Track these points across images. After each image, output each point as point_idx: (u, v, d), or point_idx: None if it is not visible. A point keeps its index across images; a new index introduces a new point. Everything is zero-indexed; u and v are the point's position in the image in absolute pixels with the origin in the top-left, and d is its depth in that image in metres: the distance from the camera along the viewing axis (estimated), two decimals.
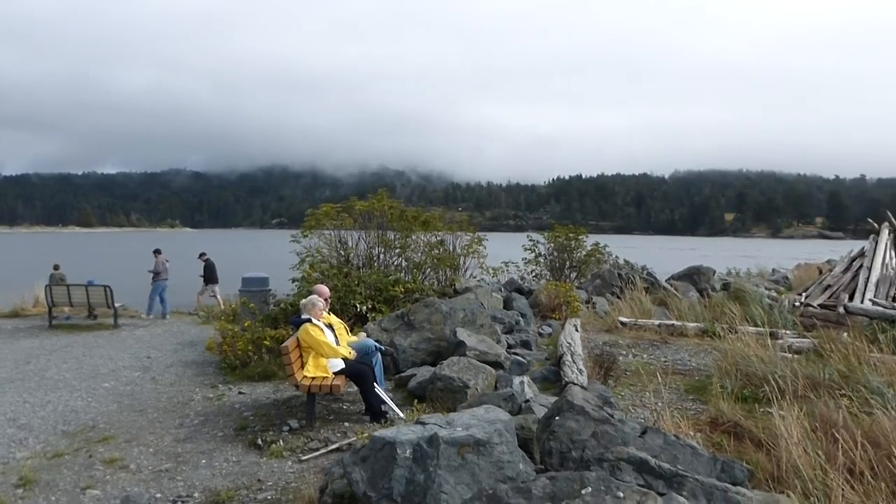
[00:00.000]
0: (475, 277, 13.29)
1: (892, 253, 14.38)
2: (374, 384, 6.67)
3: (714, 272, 18.79)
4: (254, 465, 5.59)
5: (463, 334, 8.07)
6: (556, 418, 4.11)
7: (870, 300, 12.61)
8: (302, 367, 6.57)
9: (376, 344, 7.43)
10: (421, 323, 8.65)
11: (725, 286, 17.08)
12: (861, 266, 14.20)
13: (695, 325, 12.02)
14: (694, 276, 17.45)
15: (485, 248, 13.89)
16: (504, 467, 3.48)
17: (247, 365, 8.84)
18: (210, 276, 17.35)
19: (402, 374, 7.97)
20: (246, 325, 9.76)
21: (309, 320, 6.70)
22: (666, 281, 16.87)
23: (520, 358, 8.31)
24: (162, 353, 10.79)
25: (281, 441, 6.06)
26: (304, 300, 7.14)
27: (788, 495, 4.02)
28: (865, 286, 13.26)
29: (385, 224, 12.64)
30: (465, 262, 13.42)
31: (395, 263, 12.50)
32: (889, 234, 14.74)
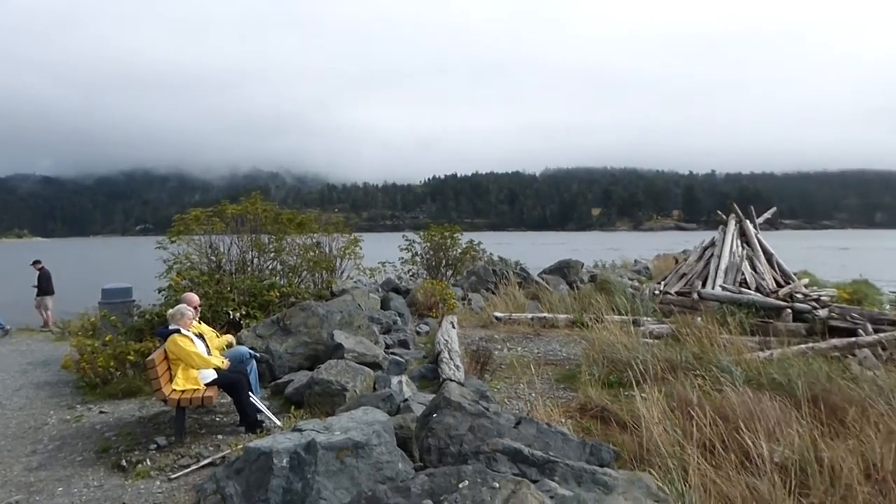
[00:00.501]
0: (352, 279, 13.21)
1: (739, 242, 15.63)
2: (249, 393, 6.47)
3: (582, 265, 19.69)
4: (118, 488, 5.26)
5: (340, 337, 8.01)
6: (434, 415, 4.17)
7: (720, 286, 13.66)
8: (171, 380, 6.26)
9: (250, 351, 7.22)
10: (297, 327, 8.49)
11: (593, 278, 17.94)
12: (712, 255, 15.35)
13: (565, 316, 12.55)
14: (564, 270, 18.21)
15: (361, 249, 13.83)
16: (383, 468, 3.50)
17: (108, 382, 8.29)
18: (45, 286, 15.74)
19: (279, 381, 7.78)
20: (107, 339, 9.16)
21: (177, 331, 6.39)
22: (538, 275, 17.50)
23: (398, 357, 8.35)
24: (9, 374, 9.87)
25: (148, 460, 5.74)
26: (171, 310, 6.80)
27: (651, 472, 4.30)
28: (716, 273, 14.35)
29: (259, 227, 12.28)
30: (341, 264, 13.30)
31: (270, 267, 12.18)
32: (736, 224, 16.01)
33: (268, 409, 6.63)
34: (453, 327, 10.13)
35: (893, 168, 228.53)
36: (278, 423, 6.31)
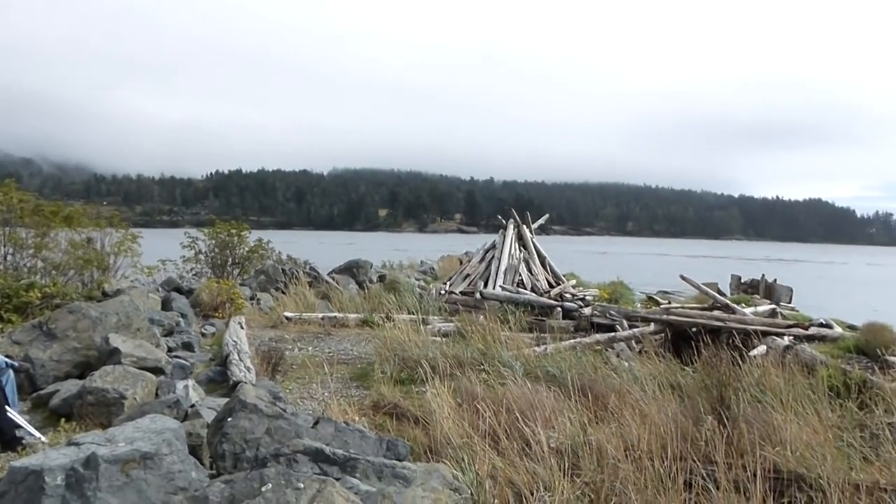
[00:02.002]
0: (128, 278, 12.18)
1: (517, 245, 16.82)
2: (6, 407, 5.72)
3: (371, 265, 19.93)
4: None
5: (117, 340, 7.35)
6: (229, 419, 4.02)
7: (500, 286, 14.61)
8: None
9: (6, 360, 6.37)
10: (64, 331, 7.65)
11: (382, 278, 18.24)
12: (493, 257, 16.36)
13: (356, 315, 12.64)
14: (353, 270, 18.31)
15: (139, 245, 12.80)
16: (175, 478, 3.30)
17: None
18: None
19: (42, 392, 6.95)
20: None
21: None
22: (328, 275, 17.42)
23: (182, 361, 7.86)
24: None
25: None
26: None
27: (444, 463, 4.51)
28: (497, 274, 15.32)
29: (14, 220, 10.85)
30: (116, 262, 12.19)
31: (30, 265, 10.83)
32: (514, 229, 17.21)
33: (28, 423, 5.91)
34: (242, 328, 9.76)
35: (642, 183, 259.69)
36: (43, 438, 5.65)
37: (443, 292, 14.90)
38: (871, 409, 6.30)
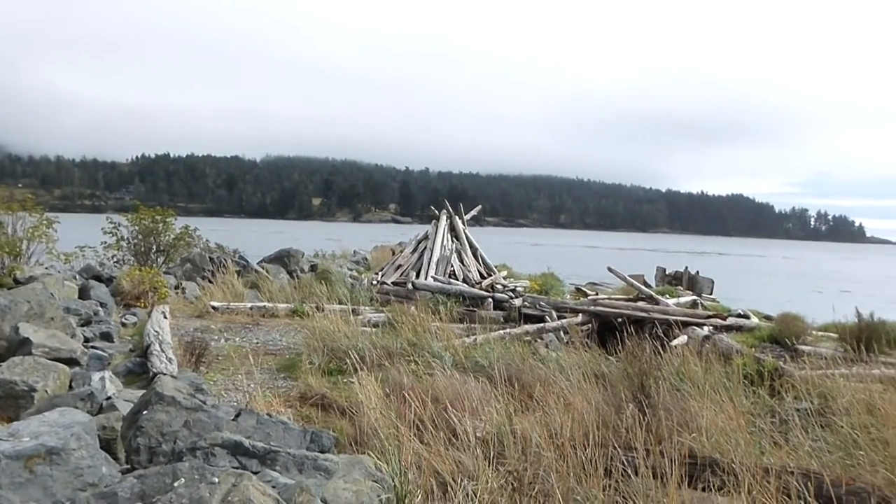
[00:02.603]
0: (43, 265, 11.62)
1: (449, 236, 16.88)
2: None
3: (303, 254, 19.63)
4: None
5: (28, 330, 7.00)
6: (145, 412, 3.88)
7: (432, 277, 14.63)
8: None
9: None
10: None
11: (313, 267, 17.99)
12: (426, 248, 16.37)
13: (285, 305, 12.44)
14: (284, 259, 17.99)
15: (55, 231, 12.23)
16: (84, 474, 3.16)
17: None
18: None
19: None
20: None
21: None
22: (258, 264, 17.07)
23: (100, 352, 7.55)
24: None
25: None
26: None
27: (369, 454, 4.49)
28: (429, 265, 15.34)
29: None
30: (29, 248, 11.61)
31: None
32: (447, 220, 17.26)
33: None
34: (165, 317, 9.46)
35: (574, 176, 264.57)
36: None
37: (375, 283, 14.83)
38: (781, 395, 6.62)
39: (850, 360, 8.20)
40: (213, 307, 11.71)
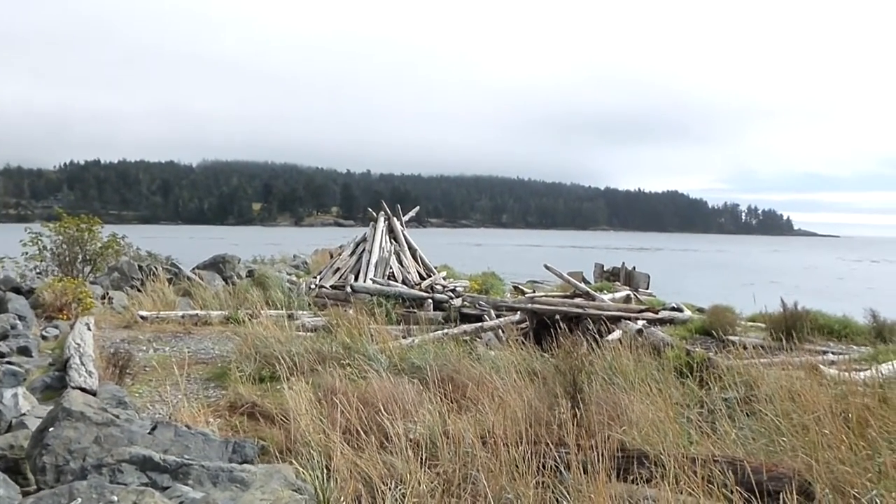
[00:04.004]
0: None
1: (388, 238, 16.78)
2: None
3: (240, 260, 19.25)
4: None
5: None
6: (51, 429, 3.68)
7: (371, 279, 14.50)
8: None
9: None
10: None
11: (250, 273, 17.64)
12: (364, 250, 16.23)
13: (219, 313, 12.14)
14: (220, 265, 17.58)
15: None
16: None
17: None
18: None
19: None
20: None
21: None
22: (191, 271, 16.62)
23: (15, 367, 7.16)
24: None
25: None
26: None
27: (295, 462, 4.36)
28: (367, 267, 15.21)
29: None
30: None
31: None
32: (385, 221, 17.15)
33: None
34: (89, 329, 9.07)
35: (515, 176, 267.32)
36: None
37: (313, 287, 14.62)
38: (709, 386, 6.76)
39: (775, 349, 8.47)
40: (142, 317, 11.32)
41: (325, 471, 4.01)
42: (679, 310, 12.60)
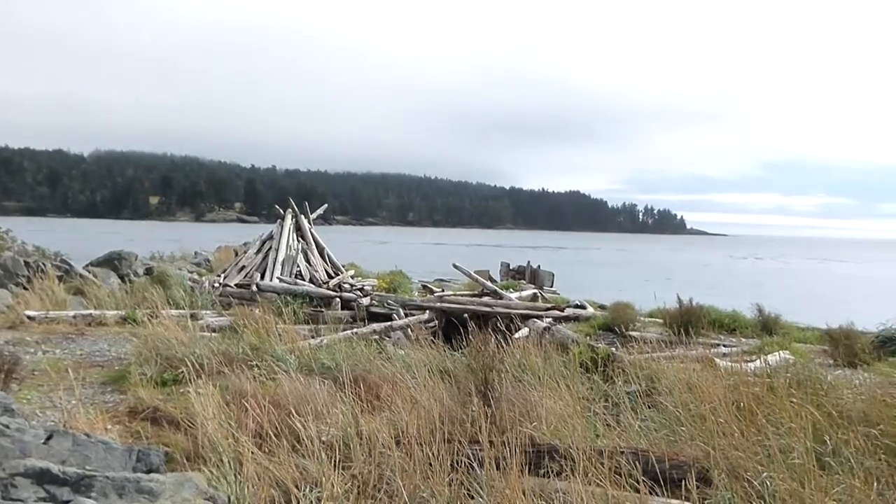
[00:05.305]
0: None
1: (295, 236, 16.47)
2: None
3: (137, 257, 18.37)
4: None
5: None
6: None
7: (277, 278, 14.21)
8: None
9: None
10: None
11: (149, 271, 16.90)
12: (270, 248, 15.87)
13: (115, 312, 11.57)
14: (115, 262, 16.73)
15: None
16: None
17: None
18: None
19: None
20: None
21: None
22: (84, 268, 15.73)
23: None
24: None
25: None
26: None
27: (204, 469, 4.22)
28: (274, 266, 14.88)
29: None
30: None
31: None
32: (292, 219, 16.83)
33: None
34: None
35: (423, 174, 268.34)
36: None
37: (216, 285, 14.17)
38: (613, 380, 7.04)
39: (673, 344, 8.91)
40: (29, 317, 10.63)
41: (236, 477, 3.90)
42: (583, 307, 13.01)
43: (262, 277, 14.52)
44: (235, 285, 14.19)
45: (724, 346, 9.78)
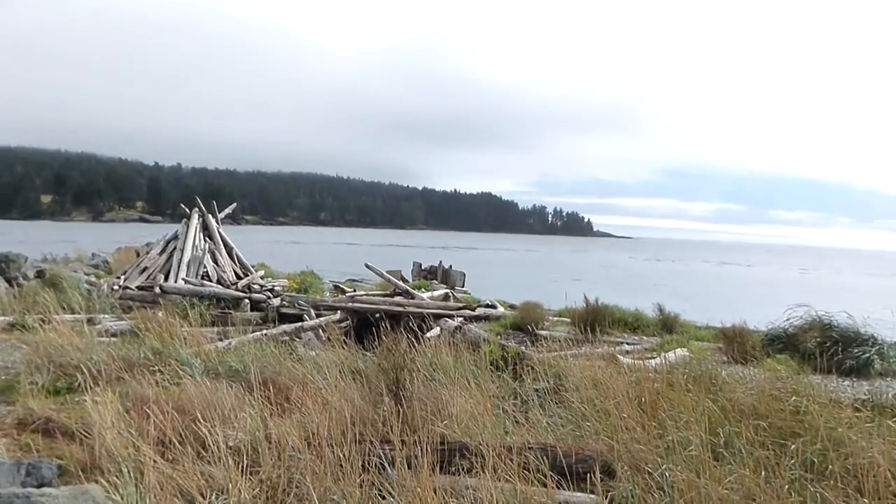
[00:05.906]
0: None
1: (202, 236, 15.95)
2: None
3: (27, 259, 17.29)
4: None
5: None
6: None
7: (182, 279, 13.72)
8: None
9: None
10: None
11: (40, 273, 15.94)
12: (175, 248, 15.31)
13: (2, 318, 10.86)
14: (2, 264, 15.68)
15: None
16: None
17: None
18: None
19: None
20: None
21: None
22: None
23: None
24: None
25: None
26: None
27: (101, 481, 4.02)
28: (179, 267, 14.36)
29: None
30: None
31: None
32: (199, 218, 16.29)
33: None
34: None
35: (334, 174, 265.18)
36: None
37: (116, 287, 13.54)
38: (523, 378, 7.19)
39: (579, 342, 9.19)
40: None
41: (137, 487, 3.75)
42: (493, 306, 13.21)
43: (167, 279, 13.98)
44: (137, 287, 13.61)
45: (628, 344, 10.16)
